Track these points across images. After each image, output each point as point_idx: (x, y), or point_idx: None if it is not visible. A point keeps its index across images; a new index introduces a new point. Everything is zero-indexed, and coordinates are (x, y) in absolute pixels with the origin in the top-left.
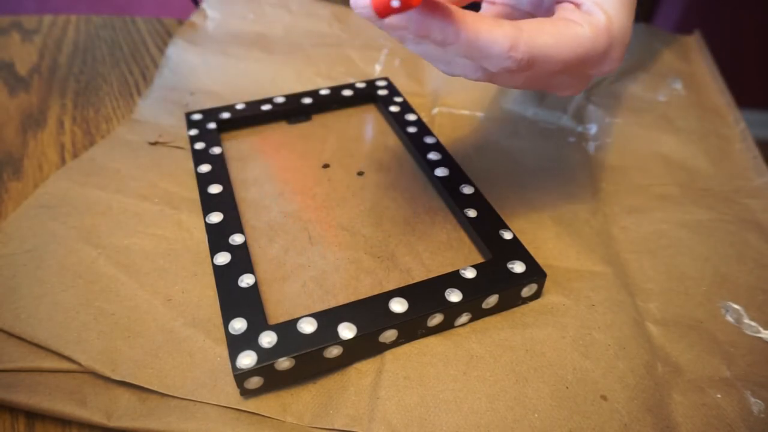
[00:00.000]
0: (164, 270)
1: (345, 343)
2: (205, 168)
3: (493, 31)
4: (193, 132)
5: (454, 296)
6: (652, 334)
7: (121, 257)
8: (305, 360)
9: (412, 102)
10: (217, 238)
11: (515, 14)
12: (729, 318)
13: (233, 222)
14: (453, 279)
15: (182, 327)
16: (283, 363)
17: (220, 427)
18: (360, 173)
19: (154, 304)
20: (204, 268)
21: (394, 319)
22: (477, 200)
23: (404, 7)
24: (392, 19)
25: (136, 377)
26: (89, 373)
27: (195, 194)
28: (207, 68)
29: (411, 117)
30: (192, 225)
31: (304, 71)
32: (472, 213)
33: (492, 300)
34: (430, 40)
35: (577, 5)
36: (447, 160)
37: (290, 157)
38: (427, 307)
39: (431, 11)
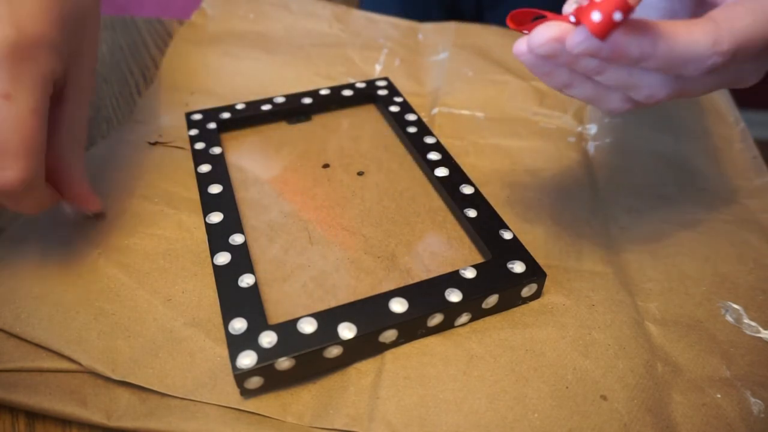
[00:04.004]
0: (164, 270)
1: (345, 343)
2: (205, 168)
3: (692, 31)
4: (193, 132)
5: (454, 296)
6: (652, 334)
7: (121, 257)
8: (305, 360)
9: (412, 102)
10: (217, 238)
11: (679, 15)
12: (729, 318)
13: (233, 222)
14: (453, 279)
15: (182, 327)
16: (284, 363)
17: (220, 427)
18: (360, 173)
19: (154, 303)
20: (204, 268)
21: (394, 319)
22: (477, 200)
23: (626, 16)
24: (581, 45)
25: (136, 377)
26: (89, 373)
27: (195, 194)
28: (207, 68)
29: (411, 117)
30: (192, 225)
31: (304, 71)
32: (472, 213)
33: (492, 300)
34: (625, 59)
35: None
36: (447, 160)
37: (290, 157)
38: (427, 307)
39: (627, 26)
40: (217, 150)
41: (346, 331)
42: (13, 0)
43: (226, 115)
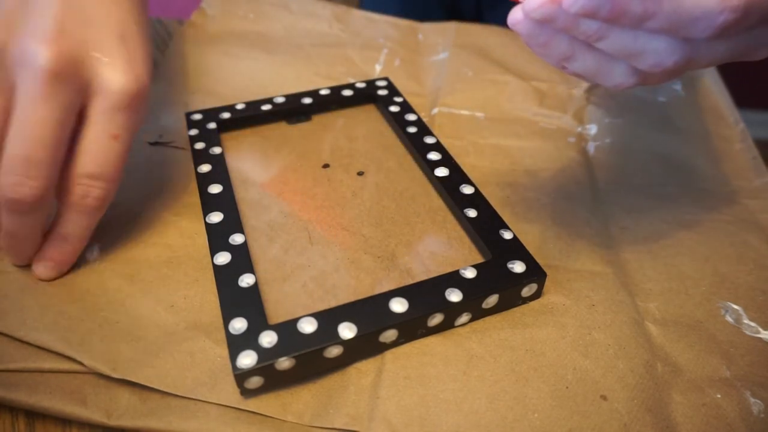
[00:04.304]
0: (167, 277)
1: (345, 343)
2: (205, 168)
3: None
4: (193, 132)
5: (454, 296)
6: (652, 334)
7: (126, 268)
8: (305, 360)
9: (412, 102)
10: (217, 238)
11: None
12: (728, 318)
13: (233, 222)
14: (453, 279)
15: (184, 330)
16: (284, 363)
17: (220, 427)
18: (360, 173)
19: (157, 311)
20: (206, 273)
21: (394, 319)
22: (477, 200)
23: None
24: (579, 2)
25: (136, 376)
26: (90, 373)
27: (196, 198)
28: (207, 68)
29: (411, 117)
30: (194, 231)
31: (304, 71)
32: (472, 213)
33: (492, 300)
34: (627, 18)
35: None
36: (447, 160)
37: (290, 157)
38: (427, 307)
39: None
40: (217, 150)
41: (346, 331)
42: (131, 52)
43: (226, 115)
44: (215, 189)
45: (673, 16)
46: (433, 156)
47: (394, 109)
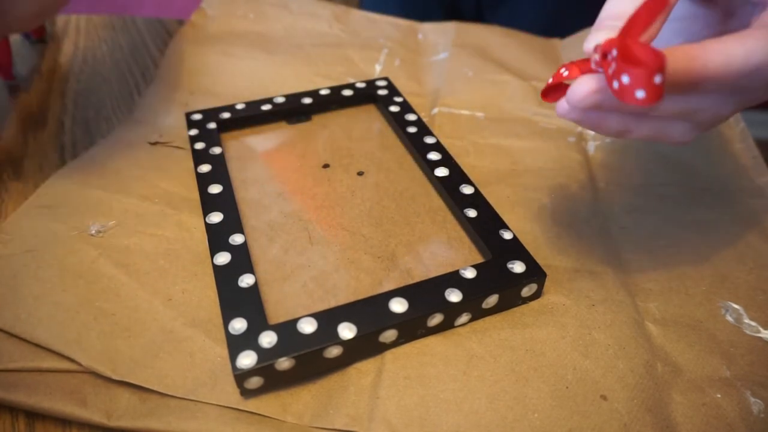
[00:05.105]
0: (164, 270)
1: (345, 343)
2: (205, 168)
3: (745, 41)
4: (193, 132)
5: (454, 296)
6: (652, 334)
7: (121, 257)
8: (305, 360)
9: (412, 102)
10: (217, 238)
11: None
12: (729, 318)
13: (233, 222)
14: (453, 279)
15: (182, 327)
16: (284, 363)
17: (220, 427)
18: (360, 173)
19: (154, 304)
20: (204, 268)
21: (394, 319)
22: (477, 200)
23: (665, 72)
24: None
25: (136, 377)
26: (89, 373)
27: (195, 194)
28: (207, 68)
29: (411, 117)
30: (192, 225)
31: (304, 71)
32: (472, 213)
33: (492, 300)
34: (679, 89)
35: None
36: (447, 160)
37: (290, 157)
38: (427, 307)
39: (669, 64)
40: (217, 150)
41: (346, 331)
42: None
43: (226, 115)
44: (215, 189)
45: (724, 76)
46: (433, 156)
47: (394, 109)
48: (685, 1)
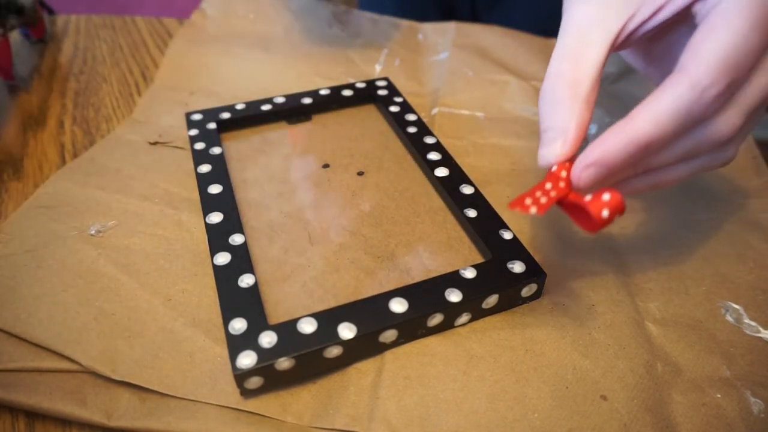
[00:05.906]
0: (164, 270)
1: (345, 343)
2: (205, 168)
3: (664, 88)
4: (193, 132)
5: (454, 296)
6: (652, 334)
7: (121, 257)
8: (305, 360)
9: (412, 102)
10: (217, 238)
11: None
12: (729, 318)
13: (233, 222)
14: (453, 279)
15: (182, 327)
16: (283, 363)
17: (220, 427)
18: (360, 173)
19: (154, 304)
20: (204, 268)
21: (394, 319)
22: (477, 200)
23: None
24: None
25: (136, 377)
26: (89, 373)
27: (195, 194)
28: (207, 68)
29: (411, 117)
30: (192, 225)
31: (304, 71)
32: (472, 213)
33: (492, 300)
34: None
35: None
36: (447, 160)
37: (290, 157)
38: (427, 307)
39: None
40: (217, 150)
41: (346, 331)
42: None
43: (226, 115)
44: (215, 189)
45: (661, 134)
46: (433, 156)
47: (394, 109)
48: (635, 61)
